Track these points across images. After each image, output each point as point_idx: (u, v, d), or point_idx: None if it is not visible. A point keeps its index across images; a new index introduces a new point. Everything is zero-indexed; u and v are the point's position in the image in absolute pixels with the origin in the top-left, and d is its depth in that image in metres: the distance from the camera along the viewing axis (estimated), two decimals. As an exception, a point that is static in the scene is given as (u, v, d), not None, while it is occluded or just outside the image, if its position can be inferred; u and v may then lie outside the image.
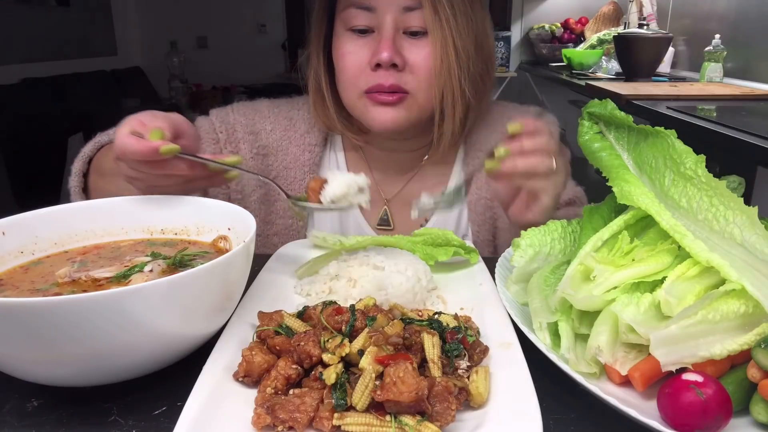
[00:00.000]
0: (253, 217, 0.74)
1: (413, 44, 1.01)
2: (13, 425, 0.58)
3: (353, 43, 1.02)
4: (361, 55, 1.02)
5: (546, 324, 0.67)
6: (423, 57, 1.00)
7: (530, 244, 0.78)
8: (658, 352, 0.56)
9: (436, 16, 0.98)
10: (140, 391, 0.62)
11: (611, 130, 0.79)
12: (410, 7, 0.99)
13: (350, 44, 1.02)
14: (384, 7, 0.99)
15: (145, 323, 0.57)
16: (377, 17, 1.00)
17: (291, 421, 0.54)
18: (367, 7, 1.00)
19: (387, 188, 1.20)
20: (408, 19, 1.00)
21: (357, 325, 0.63)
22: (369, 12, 1.00)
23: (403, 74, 1.01)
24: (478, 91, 1.08)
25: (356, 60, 1.02)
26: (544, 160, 0.85)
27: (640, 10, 3.51)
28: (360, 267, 0.81)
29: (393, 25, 0.99)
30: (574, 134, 0.81)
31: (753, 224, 0.63)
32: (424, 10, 0.98)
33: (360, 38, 1.02)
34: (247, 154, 1.16)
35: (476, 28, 1.04)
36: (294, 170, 1.17)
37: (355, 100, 1.05)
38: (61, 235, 0.79)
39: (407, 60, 1.00)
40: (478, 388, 0.57)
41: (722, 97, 2.43)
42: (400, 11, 0.99)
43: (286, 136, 1.18)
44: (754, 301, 0.57)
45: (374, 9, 1.00)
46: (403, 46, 1.00)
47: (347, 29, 1.03)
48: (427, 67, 1.01)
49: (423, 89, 1.02)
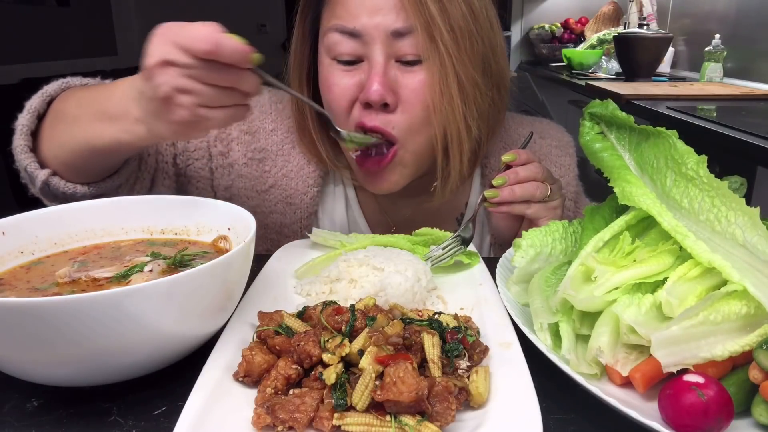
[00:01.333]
0: (253, 217, 0.74)
1: (406, 75, 0.86)
2: (13, 425, 0.58)
3: (338, 74, 0.88)
4: (346, 85, 0.87)
5: (547, 325, 0.67)
6: (418, 91, 0.85)
7: (531, 244, 0.78)
8: (660, 353, 0.56)
9: (432, 43, 0.83)
10: (140, 391, 0.62)
11: (612, 131, 0.79)
12: (401, 33, 0.84)
13: (335, 75, 0.88)
14: (371, 32, 0.84)
15: (145, 323, 0.57)
16: (364, 44, 0.85)
17: (291, 421, 0.54)
18: (352, 32, 0.85)
19: (394, 214, 1.11)
20: (400, 45, 0.85)
21: (357, 325, 0.63)
22: (355, 38, 0.85)
23: (392, 117, 0.86)
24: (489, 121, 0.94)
25: (342, 92, 0.87)
26: (540, 186, 0.88)
27: (640, 10, 3.50)
28: (360, 267, 0.81)
29: (384, 55, 0.84)
30: (575, 134, 0.81)
31: (755, 225, 0.63)
32: (417, 36, 0.83)
33: (346, 67, 0.88)
34: (240, 158, 1.01)
35: (483, 48, 0.88)
36: (296, 180, 1.02)
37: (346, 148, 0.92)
38: (61, 235, 0.79)
39: (400, 96, 0.86)
40: (478, 388, 0.57)
41: (722, 97, 2.43)
42: (389, 37, 0.84)
43: (288, 138, 1.02)
44: (756, 302, 0.57)
45: (360, 35, 0.85)
46: (395, 78, 0.86)
47: (332, 58, 0.88)
48: (422, 103, 0.86)
49: (416, 131, 0.88)
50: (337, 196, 1.09)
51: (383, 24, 0.83)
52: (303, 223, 1.05)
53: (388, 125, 0.87)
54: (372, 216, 1.12)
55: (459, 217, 1.13)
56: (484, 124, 0.93)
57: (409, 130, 0.88)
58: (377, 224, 1.12)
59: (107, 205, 0.83)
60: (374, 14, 0.83)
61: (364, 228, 1.12)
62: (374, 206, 1.12)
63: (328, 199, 1.09)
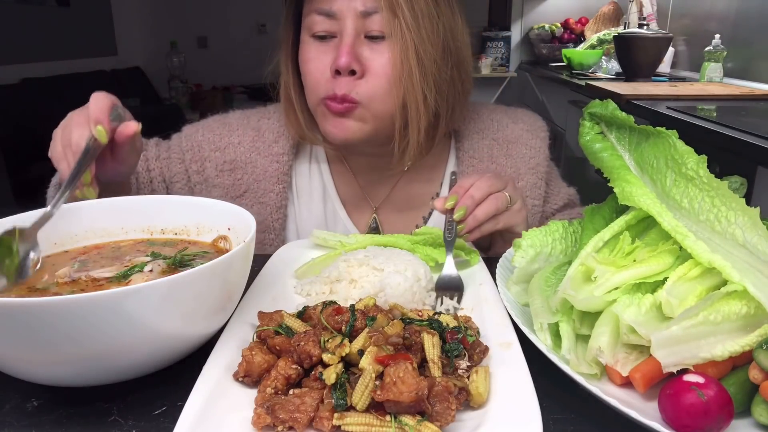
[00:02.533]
0: (253, 217, 0.74)
1: (373, 49, 0.97)
2: (13, 425, 0.58)
3: (315, 49, 1.00)
4: (322, 60, 0.99)
5: (547, 325, 0.67)
6: (382, 63, 0.97)
7: (531, 244, 0.78)
8: (660, 353, 0.56)
9: (396, 20, 0.94)
10: (140, 391, 0.62)
11: (612, 131, 0.79)
12: (369, 12, 0.96)
13: (313, 50, 1.01)
14: (344, 12, 0.97)
15: (144, 323, 0.57)
16: (338, 23, 0.98)
17: (291, 421, 0.54)
18: (328, 12, 0.97)
19: (374, 194, 1.19)
20: (368, 23, 0.97)
21: (357, 325, 0.63)
22: (330, 18, 0.98)
23: (358, 83, 0.98)
24: (449, 98, 1.04)
25: (318, 66, 1.00)
26: (498, 197, 0.92)
27: (640, 10, 3.51)
28: (360, 267, 0.81)
29: (353, 31, 0.97)
30: (575, 134, 0.81)
31: (755, 225, 0.63)
32: (382, 14, 0.95)
33: (322, 44, 1.00)
34: (212, 172, 1.14)
35: (444, 31, 0.99)
36: (264, 182, 1.14)
37: (315, 107, 1.04)
38: (61, 235, 0.79)
39: (366, 66, 0.97)
40: (478, 388, 0.57)
41: (722, 97, 2.43)
42: (359, 16, 0.96)
43: (254, 147, 1.16)
44: (756, 302, 0.57)
45: (334, 15, 0.97)
46: (363, 51, 0.97)
47: (310, 35, 1.01)
48: (385, 74, 0.97)
49: (378, 98, 0.98)
50: (314, 188, 1.19)
51: (354, 5, 0.96)
52: (274, 217, 1.15)
53: (352, 91, 0.98)
54: (351, 200, 1.19)
55: (435, 196, 1.19)
56: (443, 100, 1.03)
57: (371, 96, 0.98)
58: (355, 208, 1.19)
59: (107, 205, 0.83)
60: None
61: (343, 216, 1.18)
62: (352, 190, 1.19)
63: (303, 192, 1.19)
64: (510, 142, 1.17)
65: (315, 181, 1.19)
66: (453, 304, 0.78)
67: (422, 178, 1.18)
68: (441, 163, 1.20)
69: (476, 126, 1.18)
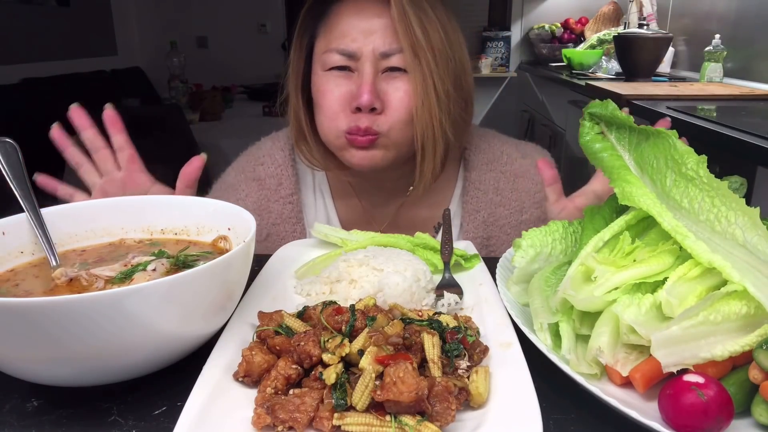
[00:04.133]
0: (253, 217, 0.74)
1: (391, 83, 1.01)
2: (13, 425, 0.58)
3: (333, 83, 1.02)
4: (340, 94, 1.02)
5: (547, 325, 0.67)
6: (401, 97, 1.01)
7: (531, 244, 0.78)
8: (659, 353, 0.56)
9: (416, 60, 0.99)
10: (140, 391, 0.62)
11: (612, 131, 0.79)
12: (389, 54, 1.00)
13: (330, 83, 1.03)
14: (364, 53, 1.00)
15: (145, 323, 0.57)
16: (356, 60, 1.01)
17: (291, 421, 0.54)
18: (350, 54, 1.01)
19: (378, 217, 1.21)
20: (387, 62, 1.01)
21: (357, 325, 0.63)
22: (349, 57, 1.01)
23: (379, 117, 1.01)
24: (457, 129, 1.08)
25: (336, 98, 1.02)
26: None
27: (640, 10, 3.51)
28: (360, 267, 0.81)
29: (373, 69, 1.00)
30: (575, 134, 0.81)
31: (755, 225, 0.63)
32: (404, 54, 0.99)
33: (339, 76, 1.02)
34: None
35: (455, 67, 1.04)
36: (282, 225, 1.17)
37: (334, 139, 1.05)
38: (61, 235, 0.79)
39: (386, 101, 1.01)
40: (478, 388, 0.57)
41: (722, 97, 2.43)
42: (379, 57, 1.00)
43: (262, 195, 1.18)
44: (756, 302, 0.57)
45: (354, 55, 1.01)
46: (381, 86, 1.01)
47: (326, 70, 1.03)
48: (405, 107, 1.01)
49: (398, 129, 1.02)
50: (320, 218, 1.21)
51: (375, 46, 1.00)
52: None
53: (374, 124, 1.01)
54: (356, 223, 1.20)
55: (436, 225, 1.20)
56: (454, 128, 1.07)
57: (391, 127, 1.02)
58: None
59: (107, 205, 0.83)
60: (367, 37, 1.00)
61: None
62: (356, 213, 1.21)
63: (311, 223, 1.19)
64: (517, 176, 1.18)
65: (320, 211, 1.21)
66: (454, 299, 0.78)
67: (428, 203, 1.19)
68: (448, 189, 1.21)
69: (486, 157, 1.20)
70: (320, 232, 0.95)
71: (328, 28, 1.04)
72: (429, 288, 0.81)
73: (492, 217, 1.16)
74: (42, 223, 0.76)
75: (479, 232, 1.16)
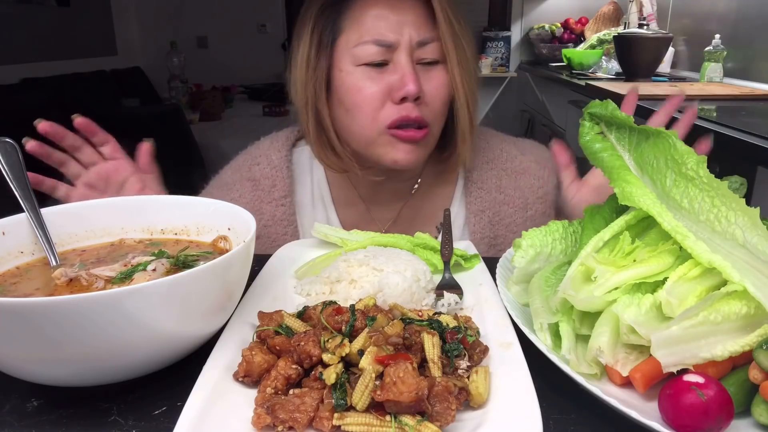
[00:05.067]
0: (253, 217, 0.74)
1: (428, 75, 1.02)
2: (13, 425, 0.58)
3: (369, 78, 1.01)
4: (377, 88, 1.00)
5: (547, 325, 0.67)
6: (438, 87, 1.02)
7: (531, 244, 0.78)
8: (660, 353, 0.56)
9: (454, 48, 1.01)
10: (140, 391, 0.62)
11: (612, 131, 0.79)
12: (425, 42, 1.01)
13: (364, 78, 1.01)
14: (402, 42, 1.00)
15: (145, 323, 0.57)
16: (392, 52, 1.01)
17: (291, 421, 0.54)
18: (386, 44, 1.00)
19: (381, 217, 1.20)
20: (422, 51, 1.01)
21: (357, 325, 0.63)
22: (385, 48, 1.00)
23: (422, 107, 1.02)
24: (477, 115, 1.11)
25: (373, 93, 1.00)
26: None
27: (640, 10, 3.50)
28: (360, 267, 0.81)
29: (410, 59, 1.00)
30: (575, 134, 0.81)
31: (755, 225, 0.63)
32: (442, 42, 1.01)
33: (375, 72, 1.01)
34: None
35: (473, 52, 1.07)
36: (273, 227, 1.16)
37: (376, 137, 1.03)
38: (61, 235, 0.79)
39: (425, 91, 1.01)
40: (478, 388, 0.57)
41: (722, 97, 2.42)
42: (413, 46, 1.01)
43: (256, 196, 1.16)
44: (756, 302, 0.57)
45: (391, 45, 1.00)
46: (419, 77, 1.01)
47: (359, 65, 1.01)
48: (440, 97, 1.03)
49: (438, 120, 1.05)
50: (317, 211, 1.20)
51: (411, 36, 1.00)
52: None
53: (423, 113, 1.02)
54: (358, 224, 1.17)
55: (438, 225, 1.20)
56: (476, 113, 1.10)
57: (434, 118, 1.04)
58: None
59: (107, 205, 0.83)
60: (402, 27, 1.00)
61: None
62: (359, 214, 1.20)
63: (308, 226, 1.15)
64: (518, 173, 1.18)
65: (319, 213, 1.20)
66: (454, 298, 0.78)
67: (429, 203, 1.20)
68: (449, 188, 1.21)
69: (486, 156, 1.20)
70: (320, 232, 0.95)
71: (358, 21, 1.02)
72: (429, 288, 0.81)
73: (497, 216, 1.16)
74: (42, 223, 0.76)
75: (486, 232, 1.16)
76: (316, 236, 0.96)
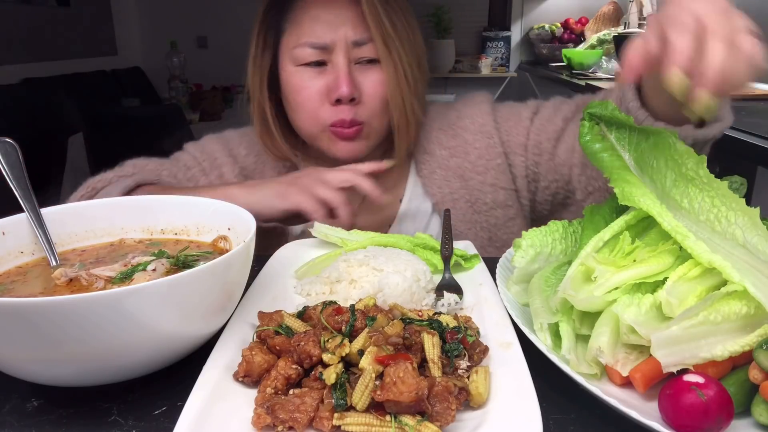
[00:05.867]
0: (253, 217, 0.74)
1: (366, 74, 1.06)
2: (13, 425, 0.58)
3: (307, 78, 1.06)
4: (316, 88, 1.05)
5: (547, 325, 0.67)
6: (375, 86, 1.06)
7: (531, 244, 0.78)
8: (660, 353, 0.56)
9: (386, 50, 1.03)
10: (140, 391, 0.62)
11: (612, 131, 0.79)
12: (360, 42, 1.04)
13: (305, 80, 1.06)
14: (336, 43, 1.03)
15: (145, 323, 0.57)
16: (329, 53, 1.04)
17: (291, 421, 0.54)
18: (321, 46, 1.04)
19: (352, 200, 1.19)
20: (359, 51, 1.05)
21: (357, 325, 0.63)
22: (322, 50, 1.04)
23: (359, 106, 1.06)
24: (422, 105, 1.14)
25: (312, 94, 1.05)
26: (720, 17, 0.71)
27: (640, 10, 3.51)
28: (360, 267, 0.81)
29: (346, 60, 1.04)
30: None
31: (755, 225, 0.63)
32: (375, 44, 1.03)
33: (313, 71, 1.05)
34: (231, 177, 1.19)
35: (417, 50, 1.09)
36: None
37: (318, 133, 1.09)
38: (61, 235, 0.79)
39: (362, 90, 1.05)
40: (478, 388, 0.57)
41: (722, 98, 2.42)
42: (350, 46, 1.04)
43: (260, 160, 1.21)
44: (756, 302, 0.57)
45: (327, 47, 1.04)
46: (356, 76, 1.05)
47: (298, 65, 1.06)
48: (381, 96, 1.06)
49: (377, 116, 1.08)
50: None
51: (347, 36, 1.03)
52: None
53: (356, 115, 1.07)
54: None
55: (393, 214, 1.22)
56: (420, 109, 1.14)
57: (371, 116, 1.08)
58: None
59: (107, 205, 0.83)
60: (338, 28, 1.03)
61: None
62: None
63: None
64: (452, 123, 1.21)
65: None
66: (454, 298, 0.78)
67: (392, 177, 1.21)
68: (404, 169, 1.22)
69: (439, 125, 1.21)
70: (320, 232, 0.95)
71: (296, 23, 1.06)
72: (429, 288, 0.81)
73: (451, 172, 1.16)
74: (42, 223, 0.76)
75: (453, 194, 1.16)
76: (316, 236, 0.96)
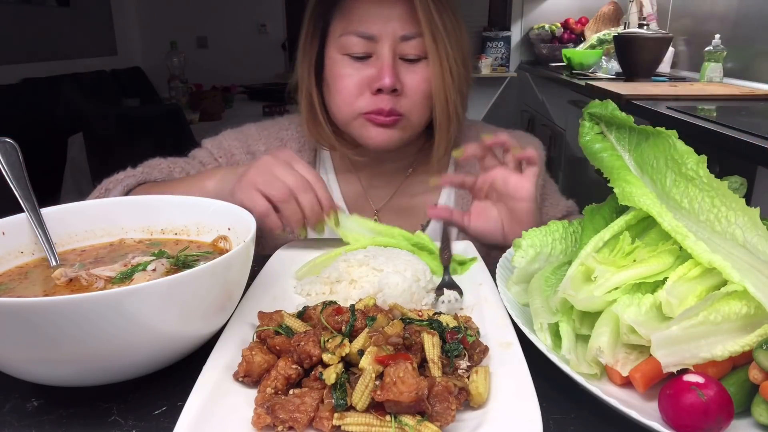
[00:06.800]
0: (253, 217, 0.74)
1: (410, 69, 1.06)
2: (13, 425, 0.58)
3: (351, 67, 1.07)
4: (358, 78, 1.06)
5: (547, 325, 0.67)
6: (418, 81, 1.06)
7: (531, 244, 0.78)
8: (660, 353, 0.56)
9: (434, 44, 1.04)
10: (140, 391, 0.62)
11: (612, 131, 0.79)
12: (408, 37, 1.04)
13: (348, 68, 1.07)
14: (385, 36, 1.04)
15: (145, 323, 0.57)
16: (375, 45, 1.05)
17: (291, 421, 0.54)
18: (369, 36, 1.04)
19: (376, 198, 1.24)
20: (405, 47, 1.05)
21: (357, 325, 0.63)
22: (369, 40, 1.05)
23: (399, 98, 1.06)
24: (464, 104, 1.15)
25: (354, 83, 1.06)
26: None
27: (640, 10, 3.51)
28: (360, 267, 0.81)
29: (392, 53, 1.04)
30: (575, 134, 0.81)
31: (755, 225, 0.63)
32: (424, 39, 1.04)
33: (357, 62, 1.06)
34: None
35: (463, 47, 1.09)
36: None
37: (351, 121, 1.09)
38: (61, 235, 0.79)
39: (404, 84, 1.06)
40: (478, 388, 0.57)
41: (722, 97, 2.43)
42: (397, 40, 1.04)
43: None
44: (756, 302, 0.57)
45: (374, 38, 1.04)
46: (400, 71, 1.05)
47: (343, 54, 1.07)
48: (422, 91, 1.07)
49: (417, 111, 1.08)
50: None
51: (395, 30, 1.04)
52: None
53: (396, 105, 1.07)
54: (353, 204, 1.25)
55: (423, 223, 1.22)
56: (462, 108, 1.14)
57: (411, 110, 1.08)
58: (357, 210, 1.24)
59: (107, 205, 0.83)
60: (387, 22, 1.04)
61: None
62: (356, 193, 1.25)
63: None
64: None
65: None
66: (455, 295, 0.78)
67: (422, 188, 1.23)
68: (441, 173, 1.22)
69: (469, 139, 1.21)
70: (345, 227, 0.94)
71: (346, 12, 1.07)
72: (429, 288, 0.81)
73: None
74: (42, 223, 0.76)
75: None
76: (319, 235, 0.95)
